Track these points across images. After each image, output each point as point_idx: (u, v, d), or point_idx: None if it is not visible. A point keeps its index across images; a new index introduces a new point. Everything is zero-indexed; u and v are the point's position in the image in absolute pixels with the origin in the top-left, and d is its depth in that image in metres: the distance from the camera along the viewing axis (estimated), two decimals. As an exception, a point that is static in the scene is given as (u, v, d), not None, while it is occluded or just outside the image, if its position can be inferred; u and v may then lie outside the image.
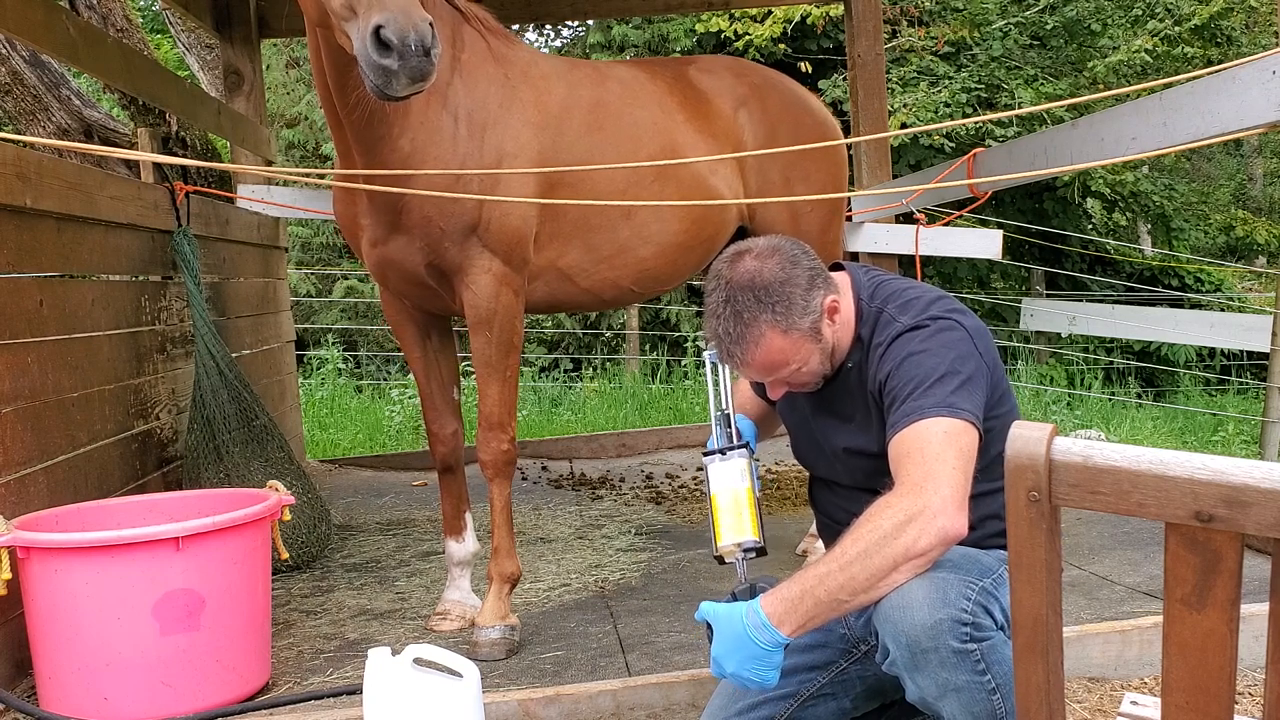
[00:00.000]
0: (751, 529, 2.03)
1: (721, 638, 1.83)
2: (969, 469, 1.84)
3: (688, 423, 7.40)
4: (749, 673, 1.82)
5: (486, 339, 3.01)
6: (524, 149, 3.04)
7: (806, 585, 1.78)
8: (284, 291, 5.98)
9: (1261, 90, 2.49)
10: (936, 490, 1.78)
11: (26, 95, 6.26)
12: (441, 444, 3.29)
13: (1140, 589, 3.27)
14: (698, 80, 3.66)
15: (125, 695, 2.56)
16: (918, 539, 1.76)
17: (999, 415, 2.04)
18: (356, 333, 11.82)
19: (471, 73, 3.00)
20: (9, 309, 2.90)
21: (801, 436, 2.30)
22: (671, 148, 3.42)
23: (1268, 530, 1.02)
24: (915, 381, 1.93)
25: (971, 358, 1.97)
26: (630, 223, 3.31)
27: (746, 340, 2.00)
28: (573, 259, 3.25)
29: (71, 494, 3.12)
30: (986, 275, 12.21)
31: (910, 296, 2.10)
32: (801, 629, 1.79)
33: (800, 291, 2.00)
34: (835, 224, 3.97)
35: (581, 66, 3.60)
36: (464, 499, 3.33)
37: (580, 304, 3.46)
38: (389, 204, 2.92)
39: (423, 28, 2.23)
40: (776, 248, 2.06)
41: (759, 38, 11.28)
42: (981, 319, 2.16)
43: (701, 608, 1.90)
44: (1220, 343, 9.13)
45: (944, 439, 1.85)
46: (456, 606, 3.24)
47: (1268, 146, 17.39)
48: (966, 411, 1.89)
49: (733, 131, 3.63)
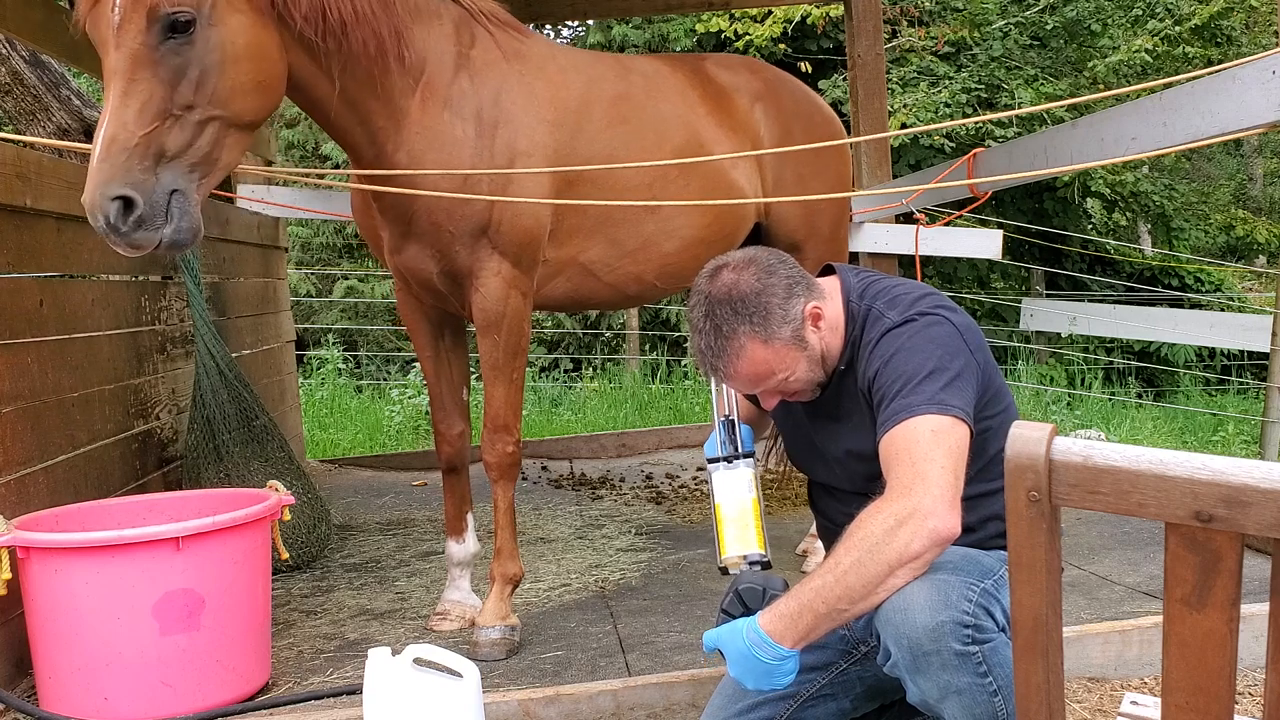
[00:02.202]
0: (757, 542, 2.02)
1: (731, 660, 1.84)
2: (959, 466, 1.84)
3: (688, 423, 7.40)
4: (766, 686, 1.83)
5: (494, 342, 3.00)
6: (538, 146, 2.99)
7: (804, 600, 1.78)
8: (284, 291, 5.98)
9: (1261, 90, 2.49)
10: (926, 491, 1.78)
11: (26, 95, 6.25)
12: (448, 444, 3.28)
13: (1140, 589, 3.27)
14: (716, 75, 3.66)
15: (125, 695, 2.56)
16: (910, 542, 1.75)
17: (995, 414, 2.04)
18: (356, 333, 11.82)
19: (481, 70, 2.95)
20: (9, 309, 2.89)
21: (798, 442, 2.29)
22: (696, 141, 3.39)
23: (1268, 530, 1.02)
24: (903, 379, 1.93)
25: (960, 354, 1.97)
26: (655, 216, 3.27)
27: (728, 353, 2.00)
28: (596, 254, 3.22)
29: (71, 494, 3.12)
30: (986, 275, 12.21)
31: (899, 293, 2.10)
32: (803, 641, 1.79)
33: (778, 300, 2.00)
34: (845, 222, 4.00)
35: (603, 59, 3.55)
36: (467, 500, 3.32)
37: (603, 299, 3.41)
38: (400, 213, 2.90)
39: (108, 206, 2.23)
40: (752, 259, 2.06)
41: (759, 38, 11.28)
42: (981, 319, 2.16)
43: (705, 639, 1.90)
44: (1220, 343, 9.14)
45: (932, 438, 1.84)
46: (456, 607, 3.23)
47: (1268, 146, 17.38)
48: (955, 408, 1.88)
49: (750, 127, 3.63)
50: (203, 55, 2.35)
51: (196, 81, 2.35)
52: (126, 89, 2.28)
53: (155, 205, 2.29)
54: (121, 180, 2.25)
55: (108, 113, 2.28)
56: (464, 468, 3.31)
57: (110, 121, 2.27)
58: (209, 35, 2.36)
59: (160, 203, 2.30)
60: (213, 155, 2.41)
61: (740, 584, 1.92)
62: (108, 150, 2.25)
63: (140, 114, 2.28)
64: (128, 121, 2.27)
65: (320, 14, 2.55)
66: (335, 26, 2.58)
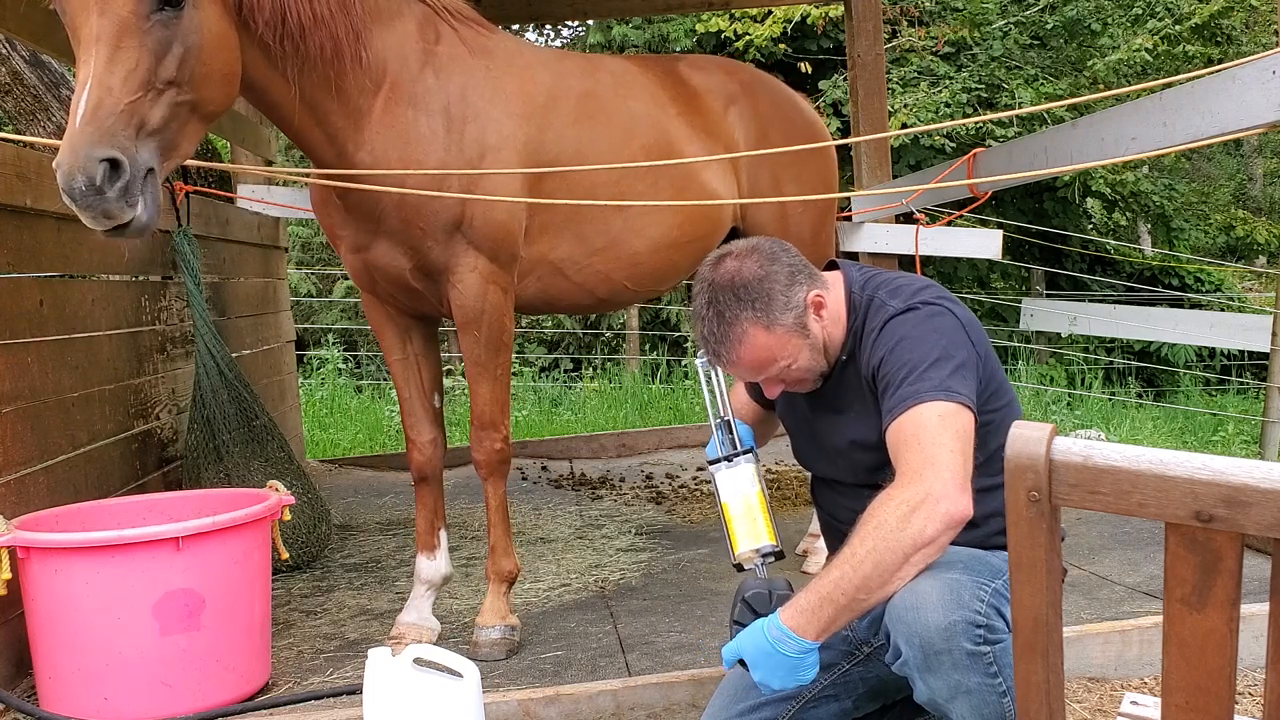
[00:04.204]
0: (768, 534, 2.03)
1: (754, 662, 1.84)
2: (968, 450, 1.85)
3: (688, 423, 7.40)
4: (792, 683, 1.83)
5: (475, 338, 2.97)
6: (508, 141, 2.96)
7: (824, 592, 1.79)
8: (284, 291, 5.98)
9: (1261, 90, 2.50)
10: (937, 475, 1.79)
11: (26, 95, 6.25)
12: (418, 451, 3.15)
13: (1140, 589, 3.27)
14: (688, 76, 3.64)
15: (125, 695, 2.56)
16: (925, 527, 1.76)
17: (997, 409, 2.05)
18: (356, 333, 11.82)
19: (446, 66, 2.91)
20: (9, 309, 2.89)
21: (802, 437, 2.30)
22: (664, 141, 3.38)
23: (1268, 530, 1.02)
24: (909, 366, 1.94)
25: (963, 345, 1.98)
26: (622, 215, 3.25)
27: (731, 339, 2.02)
28: (564, 252, 3.18)
29: (71, 494, 3.12)
30: (986, 275, 12.21)
31: (901, 283, 2.12)
32: (825, 634, 1.80)
33: (780, 287, 2.02)
34: (827, 225, 3.93)
35: (570, 57, 3.56)
36: (439, 513, 3.17)
37: (574, 300, 3.39)
38: (367, 211, 2.85)
39: (93, 168, 2.13)
40: (755, 247, 2.08)
41: (759, 38, 11.28)
42: (981, 319, 2.17)
43: (725, 654, 1.89)
44: (1220, 343, 9.13)
45: (939, 422, 1.85)
46: (411, 630, 3.04)
47: (1268, 146, 17.39)
48: (961, 395, 1.89)
49: (724, 129, 3.61)
50: (187, 33, 2.33)
51: (180, 59, 2.31)
52: (112, 55, 2.21)
53: (136, 176, 2.22)
54: (109, 143, 2.17)
55: (90, 78, 2.20)
56: (436, 477, 3.18)
57: (95, 86, 2.19)
58: (194, 16, 2.34)
59: (139, 175, 2.23)
60: (177, 140, 2.37)
61: (746, 593, 1.93)
62: (94, 113, 2.17)
63: (126, 81, 2.22)
64: (114, 87, 2.21)
65: (280, 18, 2.53)
66: (294, 30, 2.56)
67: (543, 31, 13.77)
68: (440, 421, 3.24)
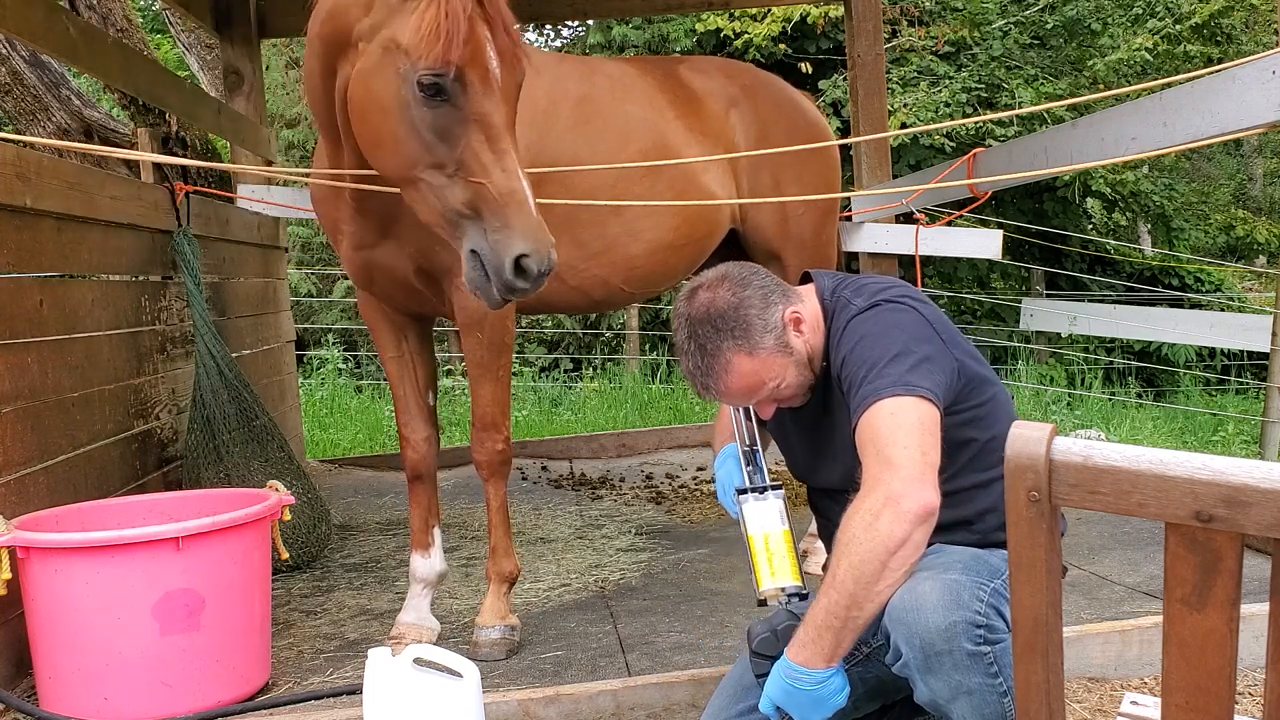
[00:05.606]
0: (793, 573, 2.04)
1: (786, 706, 1.85)
2: (925, 441, 1.84)
3: (688, 423, 7.40)
4: (828, 711, 1.84)
5: (478, 340, 2.97)
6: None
7: (819, 620, 1.80)
8: (284, 291, 5.98)
9: (1261, 90, 2.49)
10: (895, 475, 1.79)
11: (26, 95, 6.26)
12: (412, 449, 3.14)
13: (1140, 589, 3.27)
14: (689, 79, 3.64)
15: (125, 695, 2.56)
16: (893, 530, 1.76)
17: (982, 403, 2.05)
18: (356, 333, 11.81)
19: None
20: (9, 309, 2.89)
21: (797, 451, 2.30)
22: (661, 144, 3.38)
23: (1268, 530, 1.02)
24: (867, 364, 1.95)
25: (928, 340, 1.98)
26: (620, 218, 3.25)
27: (716, 370, 2.03)
28: (560, 255, 3.18)
29: (71, 494, 3.12)
30: (986, 275, 12.21)
31: (866, 283, 2.13)
32: (835, 657, 1.81)
33: (756, 311, 2.03)
34: (829, 226, 3.93)
35: (568, 61, 3.57)
36: (434, 512, 3.17)
37: (570, 303, 3.39)
38: (382, 212, 2.87)
39: (554, 255, 2.33)
40: (725, 275, 2.09)
41: (759, 37, 11.28)
42: (981, 319, 2.18)
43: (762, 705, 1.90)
44: (1220, 343, 9.14)
45: (892, 420, 1.85)
46: (411, 630, 3.04)
47: (1268, 146, 17.40)
48: (921, 388, 1.89)
49: (724, 132, 3.60)
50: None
51: None
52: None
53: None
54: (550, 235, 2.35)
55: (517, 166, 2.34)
56: (430, 476, 3.17)
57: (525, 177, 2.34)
58: None
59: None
60: None
61: (753, 642, 1.94)
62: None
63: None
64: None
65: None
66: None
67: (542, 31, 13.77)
68: (434, 419, 3.24)
